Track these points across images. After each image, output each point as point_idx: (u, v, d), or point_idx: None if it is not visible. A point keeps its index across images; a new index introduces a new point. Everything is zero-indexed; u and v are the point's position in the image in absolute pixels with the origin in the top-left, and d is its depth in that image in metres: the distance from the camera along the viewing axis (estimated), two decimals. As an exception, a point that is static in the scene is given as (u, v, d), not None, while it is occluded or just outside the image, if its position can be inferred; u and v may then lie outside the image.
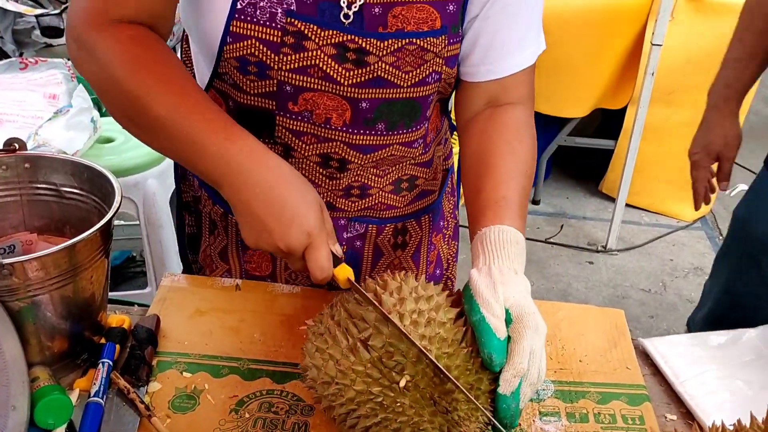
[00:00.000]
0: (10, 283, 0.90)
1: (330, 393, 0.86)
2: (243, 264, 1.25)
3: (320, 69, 0.97)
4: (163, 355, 1.06)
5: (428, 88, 1.01)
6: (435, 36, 0.97)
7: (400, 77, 0.98)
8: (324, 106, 1.00)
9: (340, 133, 1.03)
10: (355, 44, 0.95)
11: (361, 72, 0.97)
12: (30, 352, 0.96)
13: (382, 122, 1.03)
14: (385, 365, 0.83)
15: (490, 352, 0.82)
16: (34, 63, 2.58)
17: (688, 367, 1.11)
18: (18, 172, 1.08)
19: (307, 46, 0.95)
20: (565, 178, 4.08)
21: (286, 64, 0.96)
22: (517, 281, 0.88)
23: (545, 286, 3.14)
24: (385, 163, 1.10)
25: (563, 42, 3.40)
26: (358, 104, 1.00)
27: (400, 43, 0.96)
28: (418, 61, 0.98)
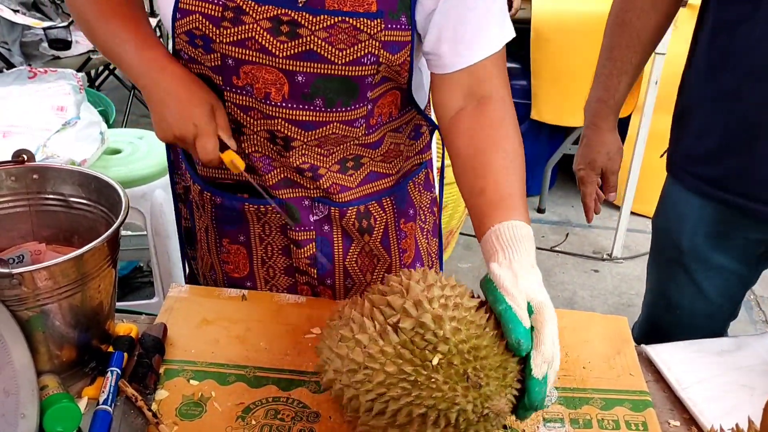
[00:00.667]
0: (19, 292, 0.91)
1: (356, 380, 0.86)
2: (222, 265, 1.28)
3: (256, 42, 1.03)
4: (170, 363, 1.08)
5: (365, 68, 1.06)
6: (369, 18, 1.01)
7: (333, 53, 1.04)
8: (263, 80, 1.07)
9: (280, 109, 1.09)
10: (288, 17, 1.02)
11: (294, 44, 1.03)
12: (39, 361, 0.97)
13: (320, 98, 1.08)
14: (416, 345, 0.85)
15: (518, 338, 0.86)
16: (43, 72, 2.61)
17: (691, 374, 1.12)
18: (27, 183, 1.09)
19: (245, 20, 1.03)
20: (570, 187, 4.08)
21: (227, 37, 1.04)
22: (533, 274, 0.94)
23: (551, 295, 3.08)
24: (329, 142, 1.14)
25: (566, 51, 3.42)
26: (294, 77, 1.06)
27: (332, 20, 1.01)
28: (351, 40, 1.03)
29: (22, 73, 2.57)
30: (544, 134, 3.74)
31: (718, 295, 1.49)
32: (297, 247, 1.23)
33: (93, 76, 4.51)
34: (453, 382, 0.84)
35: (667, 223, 1.53)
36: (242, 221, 1.23)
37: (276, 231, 1.23)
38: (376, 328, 0.88)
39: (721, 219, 1.40)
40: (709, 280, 1.47)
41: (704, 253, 1.45)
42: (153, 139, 2.49)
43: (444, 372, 0.84)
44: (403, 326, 0.86)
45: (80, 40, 3.96)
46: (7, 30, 3.80)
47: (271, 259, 1.26)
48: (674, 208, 1.48)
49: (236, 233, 1.25)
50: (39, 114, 2.42)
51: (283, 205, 1.19)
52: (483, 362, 0.85)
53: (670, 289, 1.54)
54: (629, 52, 1.47)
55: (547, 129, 3.70)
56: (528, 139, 4.22)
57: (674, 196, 1.49)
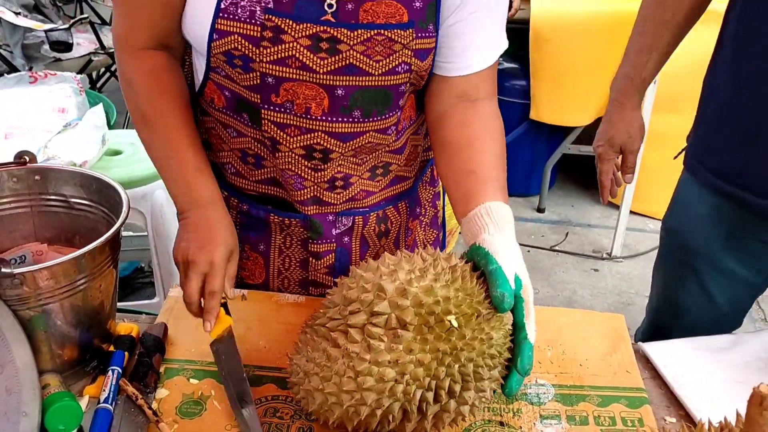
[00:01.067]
0: (21, 292, 0.92)
1: (350, 405, 0.88)
2: (239, 270, 1.28)
3: (297, 59, 1.05)
4: (170, 363, 1.09)
5: (399, 77, 1.10)
6: (402, 29, 1.06)
7: (371, 65, 1.07)
8: (303, 95, 1.09)
9: (320, 123, 1.11)
10: (328, 34, 1.04)
11: (335, 60, 1.06)
12: (41, 360, 0.98)
13: (358, 109, 1.11)
14: (378, 327, 0.87)
15: (503, 291, 0.91)
16: (43, 77, 2.62)
17: (687, 371, 1.13)
18: (28, 184, 1.11)
19: (284, 39, 1.04)
20: (570, 186, 4.10)
21: (267, 56, 1.05)
22: (519, 252, 1.00)
23: (550, 294, 3.15)
24: (363, 151, 1.18)
25: (565, 51, 3.43)
26: (334, 91, 1.08)
27: (369, 34, 1.05)
28: (387, 51, 1.07)
29: (23, 78, 2.58)
30: (543, 134, 3.75)
31: (726, 303, 1.48)
32: (316, 259, 1.25)
33: (94, 78, 4.52)
34: (433, 341, 0.87)
35: (679, 223, 1.51)
36: (265, 230, 1.25)
37: (296, 244, 1.25)
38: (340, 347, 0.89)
39: (736, 220, 1.38)
40: (720, 286, 1.46)
41: (717, 257, 1.43)
42: (154, 141, 2.50)
43: (419, 340, 0.87)
44: (354, 322, 0.88)
45: (81, 42, 3.97)
46: (9, 32, 3.81)
47: (287, 271, 1.28)
48: (688, 209, 1.47)
49: (257, 242, 1.27)
50: (40, 116, 2.43)
51: (307, 220, 1.21)
52: (448, 305, 0.88)
53: (678, 295, 1.52)
54: (661, 27, 1.45)
55: (547, 129, 3.71)
56: (527, 139, 4.25)
57: (688, 195, 1.47)
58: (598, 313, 1.26)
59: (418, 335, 0.87)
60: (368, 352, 0.86)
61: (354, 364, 0.86)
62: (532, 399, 1.06)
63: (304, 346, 0.95)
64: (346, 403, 0.87)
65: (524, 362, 0.93)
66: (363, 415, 0.87)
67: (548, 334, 1.19)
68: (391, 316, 0.87)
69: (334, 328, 0.91)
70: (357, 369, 0.86)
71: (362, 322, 0.88)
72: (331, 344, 0.90)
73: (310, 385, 0.90)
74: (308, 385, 0.91)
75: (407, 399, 0.87)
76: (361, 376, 0.86)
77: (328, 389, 0.88)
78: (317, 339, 0.93)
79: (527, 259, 3.77)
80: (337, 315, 0.91)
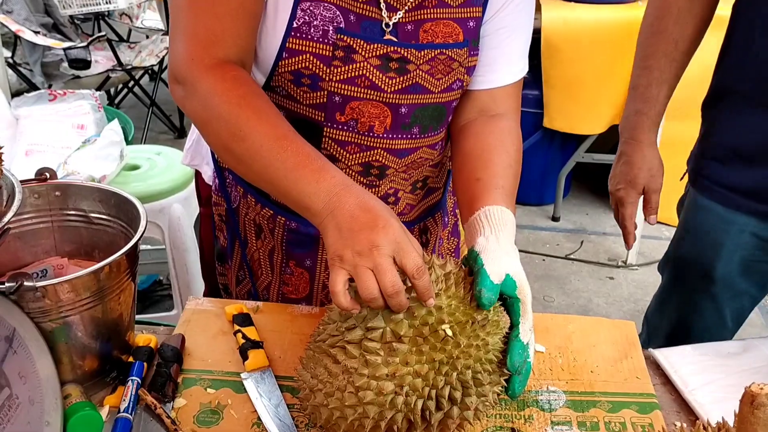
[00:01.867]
0: (43, 305, 0.95)
1: (354, 419, 0.90)
2: (281, 286, 1.30)
3: (367, 78, 1.08)
4: (188, 373, 1.11)
5: (453, 94, 1.15)
6: (459, 47, 1.11)
7: (432, 83, 1.12)
8: (368, 114, 1.11)
9: (381, 140, 1.14)
10: (398, 54, 1.07)
11: (403, 79, 1.09)
12: (62, 371, 1.01)
13: (417, 126, 1.15)
14: (376, 341, 0.89)
15: (480, 288, 0.92)
16: (62, 94, 2.67)
17: (697, 376, 1.13)
18: (49, 200, 1.14)
19: (355, 59, 1.06)
20: (585, 195, 4.10)
21: (337, 75, 1.07)
22: (516, 255, 1.00)
23: (566, 302, 3.15)
24: (413, 167, 1.21)
25: (577, 60, 3.44)
26: (398, 110, 1.12)
27: (433, 53, 1.09)
28: (447, 69, 1.11)
29: (42, 96, 2.64)
30: (556, 143, 3.76)
31: (733, 320, 1.48)
32: None
33: (112, 94, 4.59)
34: (429, 351, 0.88)
35: (696, 250, 1.46)
36: (313, 246, 1.26)
37: None
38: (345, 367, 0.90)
39: (759, 243, 1.36)
40: (731, 307, 1.45)
41: (734, 280, 1.41)
42: (170, 155, 2.54)
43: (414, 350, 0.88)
44: (350, 338, 0.90)
45: (99, 59, 4.04)
46: (29, 51, 3.89)
47: None
48: (707, 235, 1.41)
49: (304, 257, 1.28)
50: (60, 132, 2.48)
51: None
52: (441, 315, 0.90)
53: (693, 320, 1.49)
54: (667, 60, 1.40)
55: (560, 138, 3.72)
56: (541, 148, 4.25)
57: (705, 219, 1.42)
58: (608, 319, 1.27)
59: (413, 347, 0.88)
60: (366, 367, 0.88)
61: (353, 379, 0.88)
62: (543, 405, 1.08)
63: (308, 362, 0.97)
64: (350, 417, 0.89)
65: (512, 359, 0.94)
66: (367, 427, 0.89)
67: (559, 341, 1.21)
68: (386, 330, 0.89)
69: (333, 345, 0.92)
70: (356, 384, 0.88)
71: (359, 337, 0.90)
72: (331, 360, 0.92)
73: (316, 401, 0.93)
74: (314, 400, 0.93)
75: (409, 410, 0.89)
76: (361, 391, 0.88)
77: (332, 404, 0.90)
78: (319, 355, 0.94)
79: (543, 268, 3.76)
80: (336, 331, 0.93)
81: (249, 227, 1.30)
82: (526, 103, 3.67)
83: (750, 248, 1.38)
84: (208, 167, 1.36)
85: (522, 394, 0.99)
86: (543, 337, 1.21)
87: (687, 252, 1.50)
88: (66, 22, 4.26)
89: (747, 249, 1.39)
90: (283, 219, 1.24)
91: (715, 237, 1.41)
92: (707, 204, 1.42)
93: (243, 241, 1.32)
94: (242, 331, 1.15)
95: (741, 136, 1.34)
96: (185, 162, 1.42)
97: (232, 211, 1.31)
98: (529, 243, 3.57)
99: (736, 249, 1.39)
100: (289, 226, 1.25)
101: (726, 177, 1.37)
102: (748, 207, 1.35)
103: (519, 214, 3.86)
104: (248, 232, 1.31)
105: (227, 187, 1.30)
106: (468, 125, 1.18)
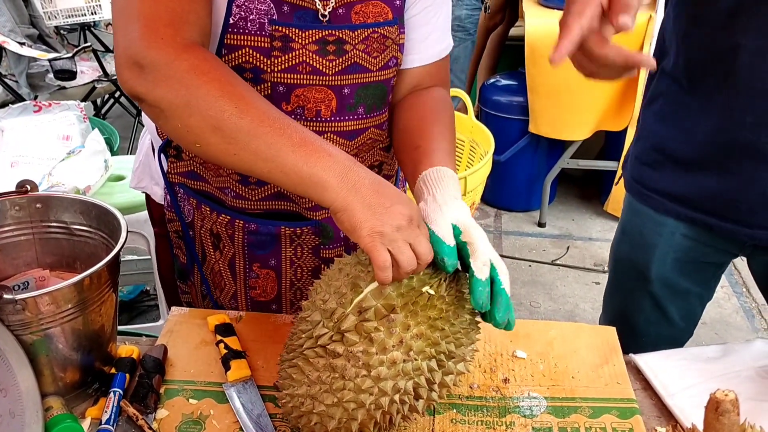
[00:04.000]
0: (23, 317, 0.95)
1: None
2: (248, 290, 1.30)
3: (308, 64, 1.10)
4: (170, 383, 1.11)
5: (390, 71, 1.20)
6: (390, 25, 1.16)
7: (370, 62, 1.16)
8: (313, 99, 1.14)
9: (329, 124, 1.17)
10: (334, 36, 1.11)
11: (342, 60, 1.13)
12: (43, 383, 1.01)
13: (362, 106, 1.18)
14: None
15: (443, 256, 0.93)
16: (47, 106, 2.67)
17: (677, 381, 1.14)
18: (30, 212, 1.14)
19: (293, 47, 1.09)
20: (570, 201, 4.12)
21: (278, 65, 1.09)
22: (457, 205, 1.00)
23: (552, 308, 3.16)
24: (364, 149, 1.23)
25: (561, 67, 3.45)
26: (341, 91, 1.15)
27: (367, 32, 1.14)
28: (381, 47, 1.16)
29: (27, 107, 2.63)
30: (542, 149, 3.78)
31: (682, 319, 1.50)
32: (327, 264, 1.27)
33: (99, 104, 4.58)
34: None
35: (632, 251, 1.50)
36: (275, 245, 1.26)
37: (308, 253, 1.27)
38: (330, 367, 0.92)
39: (691, 244, 1.39)
40: (675, 305, 1.48)
41: (673, 280, 1.45)
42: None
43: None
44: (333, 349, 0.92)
45: (85, 70, 4.03)
46: (14, 62, 3.87)
47: (300, 281, 1.30)
48: (641, 236, 1.46)
49: (267, 258, 1.28)
50: (45, 144, 2.48)
51: (318, 226, 1.24)
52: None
53: (635, 318, 1.53)
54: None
55: (546, 143, 3.74)
56: (527, 155, 4.26)
57: (639, 221, 1.46)
58: (590, 325, 1.28)
59: (407, 313, 0.92)
60: (372, 345, 0.90)
61: (365, 361, 0.90)
62: (524, 412, 1.08)
63: (297, 376, 0.96)
64: (368, 402, 0.90)
65: (474, 298, 0.93)
66: (386, 406, 0.91)
67: (540, 347, 1.21)
68: (377, 306, 0.91)
69: (326, 343, 0.93)
70: (369, 364, 0.90)
71: (353, 322, 0.91)
72: (330, 357, 0.92)
73: (323, 405, 0.92)
74: (320, 406, 0.93)
75: (417, 375, 0.92)
76: (374, 370, 0.90)
77: (346, 398, 0.91)
78: (313, 361, 0.94)
79: (529, 274, 3.76)
80: (323, 330, 0.94)
81: (206, 240, 1.29)
82: (511, 110, 3.69)
83: (683, 249, 1.41)
84: (158, 187, 1.34)
85: (507, 320, 0.95)
86: (525, 344, 1.22)
87: (625, 253, 1.53)
88: (51, 32, 4.25)
89: (680, 250, 1.41)
90: (242, 222, 1.24)
91: (649, 238, 1.44)
92: (640, 207, 1.45)
93: (202, 256, 1.31)
94: (224, 341, 1.16)
95: (671, 141, 1.35)
96: (133, 185, 1.40)
97: (186, 227, 1.31)
98: (516, 249, 3.59)
99: (668, 250, 1.42)
100: (249, 228, 1.24)
101: (657, 182, 1.40)
102: (678, 212, 1.37)
103: (505, 220, 3.91)
104: (205, 245, 1.29)
105: (179, 202, 1.29)
106: (402, 100, 1.24)
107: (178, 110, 0.93)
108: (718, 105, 1.25)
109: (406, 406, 0.94)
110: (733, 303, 3.24)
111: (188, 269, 1.36)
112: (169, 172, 1.26)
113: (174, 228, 1.34)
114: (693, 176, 1.33)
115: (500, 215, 3.95)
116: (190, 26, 0.97)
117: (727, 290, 3.32)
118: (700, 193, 1.33)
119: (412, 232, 0.91)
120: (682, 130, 1.32)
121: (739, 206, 1.30)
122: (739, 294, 3.30)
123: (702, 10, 1.22)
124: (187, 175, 1.25)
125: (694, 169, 1.32)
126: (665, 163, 1.36)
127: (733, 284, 3.37)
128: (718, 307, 3.19)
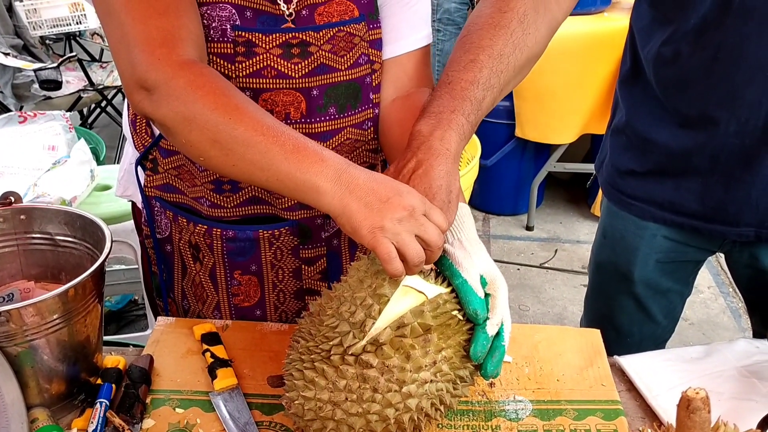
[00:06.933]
0: (7, 329, 0.95)
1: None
2: (231, 298, 1.30)
3: (273, 68, 1.11)
4: (156, 393, 1.11)
5: (362, 69, 1.19)
6: (357, 23, 1.15)
7: (338, 61, 1.15)
8: (282, 102, 1.14)
9: (300, 126, 1.16)
10: (297, 39, 1.11)
11: (308, 62, 1.12)
12: (29, 395, 1.01)
13: (333, 106, 1.18)
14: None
15: (475, 309, 0.95)
16: (32, 116, 2.66)
17: (661, 382, 1.15)
18: (14, 224, 1.14)
19: (257, 51, 1.09)
20: (558, 204, 4.14)
21: (243, 70, 1.10)
22: (482, 250, 1.01)
23: (541, 311, 3.18)
24: (343, 150, 1.22)
25: (547, 70, 3.48)
26: (310, 93, 1.14)
27: (332, 32, 1.13)
28: (349, 46, 1.15)
29: (12, 118, 2.63)
30: (529, 153, 3.80)
31: (665, 317, 1.52)
32: (308, 265, 1.27)
33: (85, 114, 4.57)
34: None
35: (613, 254, 1.51)
36: (254, 250, 1.26)
37: (287, 254, 1.27)
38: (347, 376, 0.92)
39: (673, 245, 1.41)
40: (658, 304, 1.50)
41: (655, 280, 1.46)
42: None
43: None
44: (365, 358, 0.92)
45: (71, 79, 4.02)
46: (-1, 73, 3.87)
47: (282, 283, 1.30)
48: (623, 240, 1.46)
49: (248, 264, 1.28)
50: (30, 154, 2.47)
51: (296, 226, 1.24)
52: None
53: (619, 320, 1.54)
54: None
55: (532, 147, 3.76)
56: (514, 158, 4.27)
57: (620, 225, 1.46)
58: (575, 328, 1.29)
59: (439, 335, 0.93)
60: (408, 362, 0.91)
61: (399, 377, 0.91)
62: (510, 415, 1.09)
63: (320, 381, 0.93)
64: (392, 416, 0.91)
65: (475, 349, 0.95)
66: (405, 422, 0.92)
67: (525, 350, 1.22)
68: (414, 325, 0.92)
69: (359, 353, 0.91)
70: (403, 380, 0.91)
71: (390, 335, 0.91)
72: (362, 367, 0.91)
73: (345, 413, 0.91)
74: (341, 414, 0.92)
75: (438, 396, 0.94)
76: (405, 387, 0.91)
77: (372, 410, 0.91)
78: (341, 368, 0.92)
79: (518, 277, 3.78)
80: (352, 340, 0.91)
81: (185, 252, 1.29)
82: (497, 115, 3.71)
83: (664, 251, 1.42)
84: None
85: (496, 376, 0.98)
86: (510, 347, 1.21)
87: (606, 256, 1.54)
88: (36, 43, 4.24)
89: (662, 252, 1.43)
90: (219, 230, 1.23)
91: (630, 242, 1.45)
92: (620, 213, 1.46)
93: (182, 270, 1.31)
94: (211, 349, 1.16)
95: (650, 153, 1.36)
96: (119, 194, 1.39)
97: (158, 242, 1.31)
98: (504, 253, 3.60)
99: (650, 252, 1.43)
100: (227, 236, 1.24)
101: (637, 189, 1.40)
102: (661, 217, 1.39)
103: (493, 224, 3.92)
104: (185, 257, 1.29)
105: (155, 216, 1.29)
106: (387, 113, 1.22)
107: (180, 126, 0.96)
108: (699, 120, 1.26)
109: (419, 423, 0.95)
110: (720, 303, 3.27)
111: (168, 285, 1.36)
112: (145, 185, 1.26)
113: (151, 244, 1.34)
114: (676, 182, 1.33)
115: (488, 219, 3.97)
116: (183, 42, 0.99)
117: (714, 291, 3.35)
118: (684, 198, 1.34)
119: (416, 221, 0.89)
120: (661, 143, 1.33)
121: (727, 207, 1.30)
122: (725, 294, 3.33)
123: (672, 26, 1.24)
124: (163, 188, 1.25)
125: (677, 175, 1.33)
126: (646, 170, 1.37)
127: (719, 284, 3.40)
128: (705, 307, 3.21)
